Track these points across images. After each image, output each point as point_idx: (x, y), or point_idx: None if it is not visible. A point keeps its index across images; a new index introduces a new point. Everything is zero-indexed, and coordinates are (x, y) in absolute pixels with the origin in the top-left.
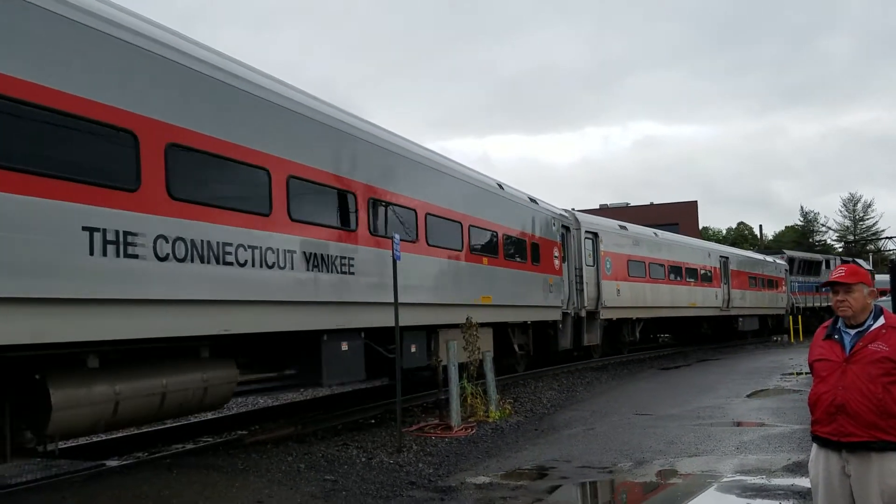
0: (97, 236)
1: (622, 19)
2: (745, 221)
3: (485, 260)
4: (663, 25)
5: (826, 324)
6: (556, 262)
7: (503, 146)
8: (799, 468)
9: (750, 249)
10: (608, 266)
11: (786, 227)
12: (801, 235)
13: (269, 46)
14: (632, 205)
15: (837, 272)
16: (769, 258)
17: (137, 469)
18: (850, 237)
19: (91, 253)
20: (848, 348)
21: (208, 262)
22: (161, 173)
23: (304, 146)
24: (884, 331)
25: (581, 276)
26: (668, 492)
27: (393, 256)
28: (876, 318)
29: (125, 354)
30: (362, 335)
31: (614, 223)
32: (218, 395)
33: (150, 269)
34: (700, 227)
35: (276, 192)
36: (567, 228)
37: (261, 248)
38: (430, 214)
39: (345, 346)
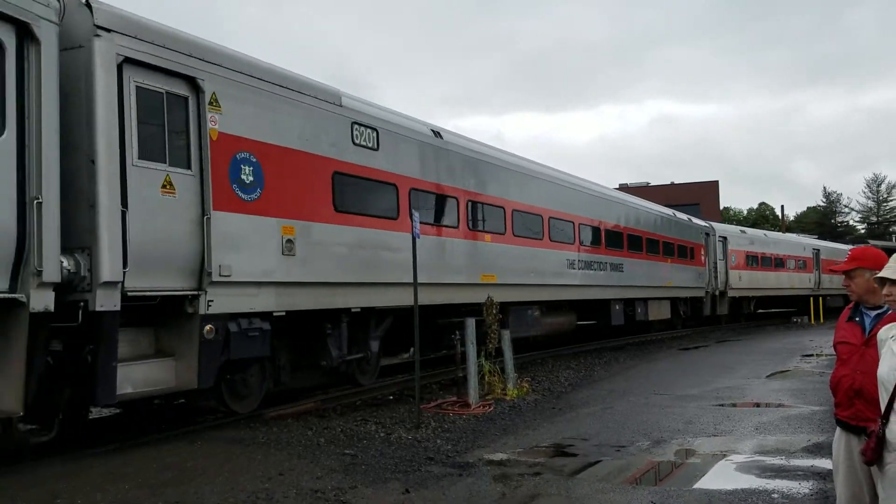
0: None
1: None
2: (766, 202)
3: (668, 260)
4: (684, 1)
5: (851, 305)
6: (702, 258)
7: (518, 123)
8: (819, 450)
9: (771, 230)
10: (733, 260)
11: (808, 207)
12: (824, 216)
13: (285, 22)
14: (652, 184)
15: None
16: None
17: (161, 442)
18: (874, 218)
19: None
20: (867, 331)
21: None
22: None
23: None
24: None
25: (716, 267)
26: (685, 471)
27: (413, 234)
28: None
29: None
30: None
31: (737, 229)
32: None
33: None
34: (721, 208)
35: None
36: (707, 234)
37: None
38: (649, 238)
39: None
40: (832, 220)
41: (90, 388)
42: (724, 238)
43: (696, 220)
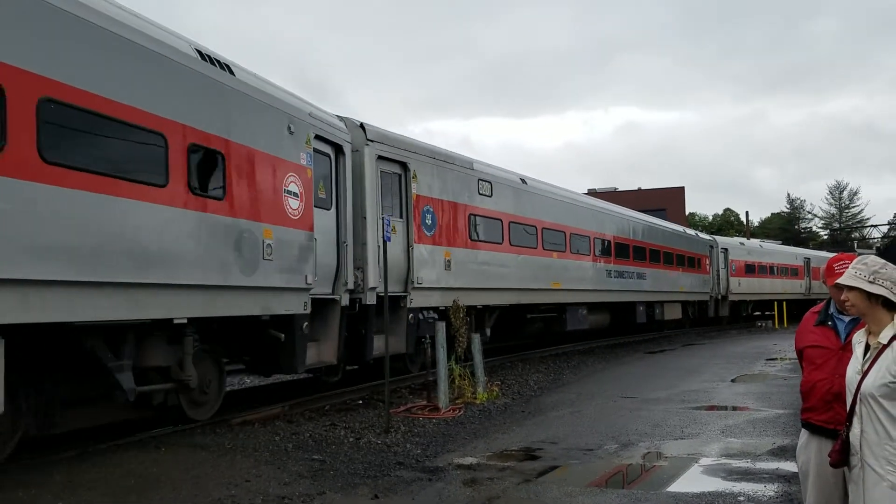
0: None
1: (609, 1)
2: (731, 208)
3: (679, 269)
4: (651, 8)
5: (816, 309)
6: (707, 267)
7: (487, 129)
8: (783, 452)
9: (736, 236)
10: (733, 268)
11: (772, 213)
12: (787, 222)
13: (244, 22)
14: (620, 190)
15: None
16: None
17: (125, 448)
18: (836, 225)
19: None
20: (843, 335)
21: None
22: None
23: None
24: None
25: (718, 275)
26: (654, 474)
27: (384, 238)
28: None
29: None
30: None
31: (737, 241)
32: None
33: None
34: (686, 213)
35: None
36: (711, 247)
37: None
38: (665, 251)
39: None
40: (796, 227)
41: (362, 349)
42: (726, 249)
43: (702, 235)
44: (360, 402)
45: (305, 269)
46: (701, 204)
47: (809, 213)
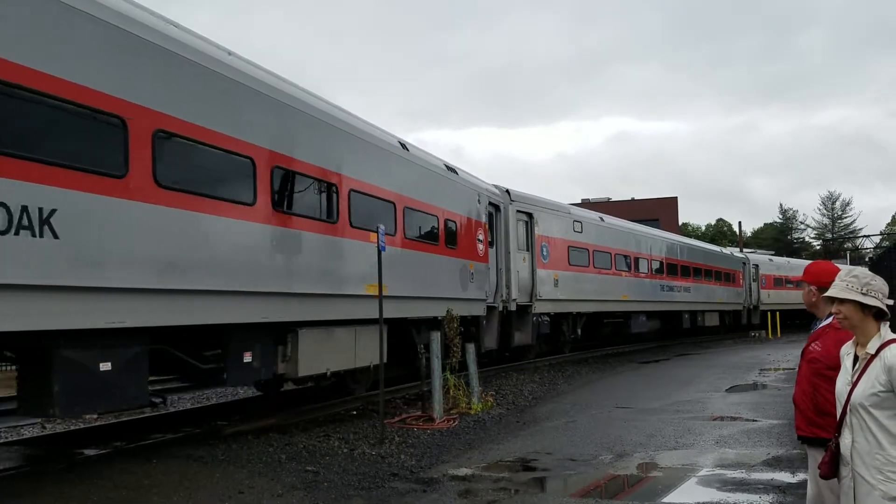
0: None
1: (600, 11)
2: (723, 218)
3: (717, 283)
4: (642, 18)
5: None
6: (740, 281)
7: (479, 139)
8: (778, 463)
9: (730, 246)
10: (763, 281)
11: (764, 223)
12: (780, 233)
13: (241, 31)
14: (613, 200)
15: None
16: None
17: (116, 458)
18: (828, 235)
19: None
20: (806, 341)
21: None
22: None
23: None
24: (827, 330)
25: (750, 288)
26: (648, 485)
27: (378, 248)
28: (828, 316)
29: None
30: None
31: (766, 257)
32: (656, 328)
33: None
34: (679, 223)
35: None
36: (744, 263)
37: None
38: (705, 269)
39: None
40: (788, 237)
41: (509, 340)
42: (757, 265)
43: (736, 253)
44: (355, 412)
45: (485, 287)
46: (694, 214)
47: (802, 223)
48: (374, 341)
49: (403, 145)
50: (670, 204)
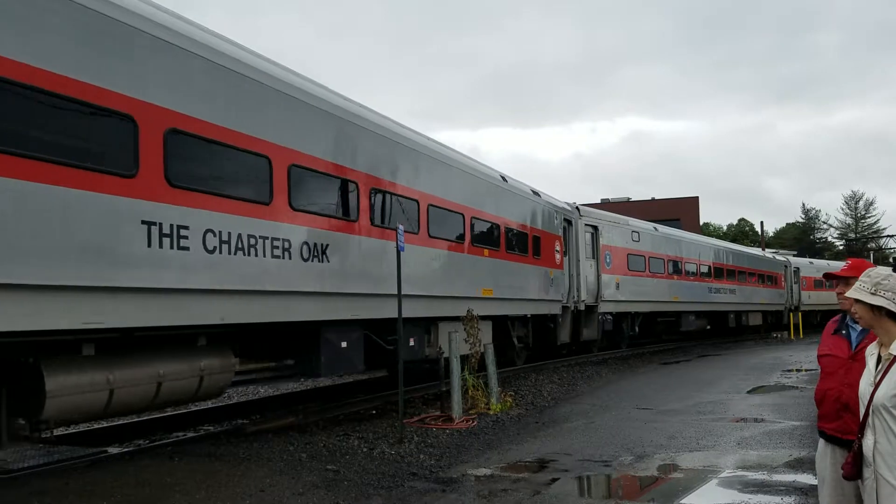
0: None
1: (613, 11)
2: (745, 218)
3: (760, 285)
4: (654, 18)
5: (836, 318)
6: (782, 283)
7: (495, 139)
8: (800, 465)
9: (752, 246)
10: (804, 283)
11: (787, 223)
12: (803, 233)
13: (251, 31)
14: (633, 199)
15: (842, 267)
16: None
17: (139, 456)
18: (852, 235)
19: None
20: (854, 345)
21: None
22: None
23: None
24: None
25: (791, 290)
26: (668, 486)
27: (397, 248)
28: None
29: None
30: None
31: (807, 261)
32: (705, 327)
33: None
34: (701, 223)
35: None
36: (785, 266)
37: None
38: (749, 272)
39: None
40: (811, 237)
41: (578, 335)
42: (797, 268)
43: (777, 256)
44: (374, 411)
45: (560, 290)
46: (713, 213)
47: (825, 223)
48: (486, 332)
49: (504, 178)
50: (691, 204)
